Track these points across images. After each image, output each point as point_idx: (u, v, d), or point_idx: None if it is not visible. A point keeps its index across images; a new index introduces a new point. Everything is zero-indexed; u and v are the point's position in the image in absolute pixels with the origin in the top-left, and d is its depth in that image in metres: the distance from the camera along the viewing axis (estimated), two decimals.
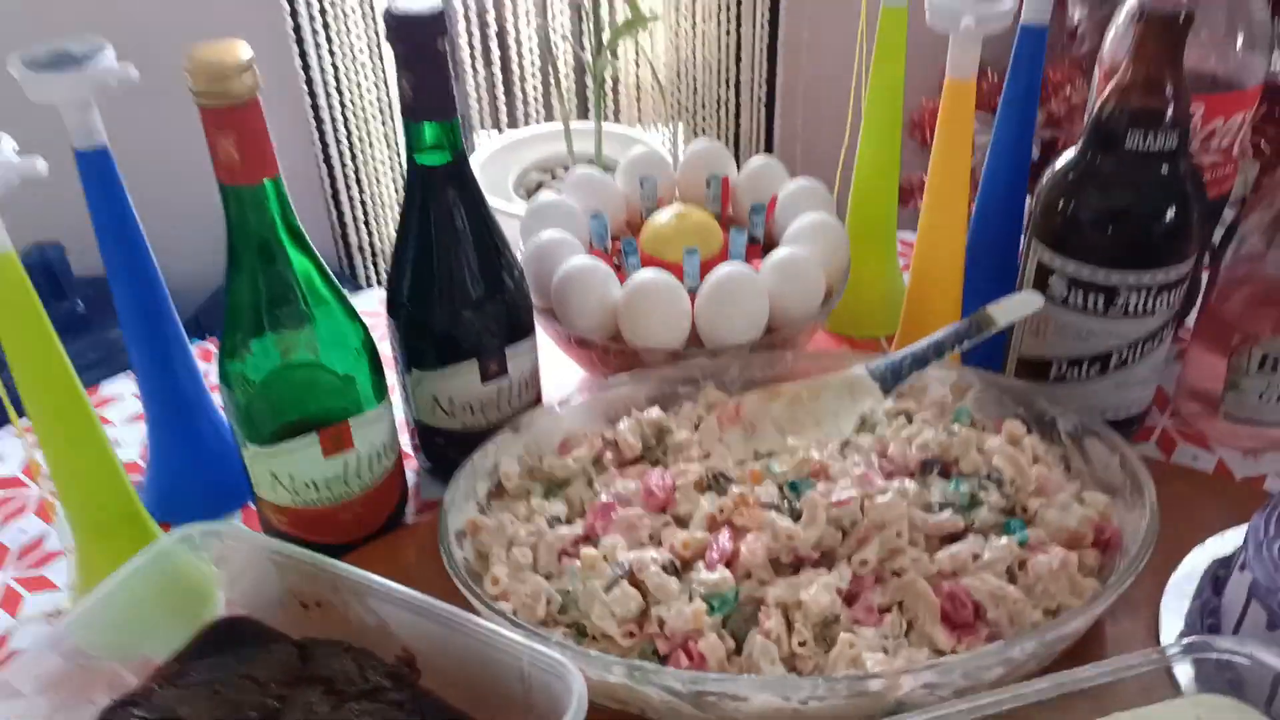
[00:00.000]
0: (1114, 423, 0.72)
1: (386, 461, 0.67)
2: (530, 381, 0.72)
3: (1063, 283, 0.68)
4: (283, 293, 0.60)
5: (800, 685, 0.50)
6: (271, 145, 0.57)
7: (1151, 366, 0.71)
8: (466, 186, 0.66)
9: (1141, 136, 0.64)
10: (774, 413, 0.68)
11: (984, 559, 0.55)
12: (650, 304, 0.71)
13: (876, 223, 0.85)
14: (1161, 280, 0.66)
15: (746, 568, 0.55)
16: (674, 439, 0.65)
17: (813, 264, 0.74)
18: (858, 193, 0.84)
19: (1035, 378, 0.73)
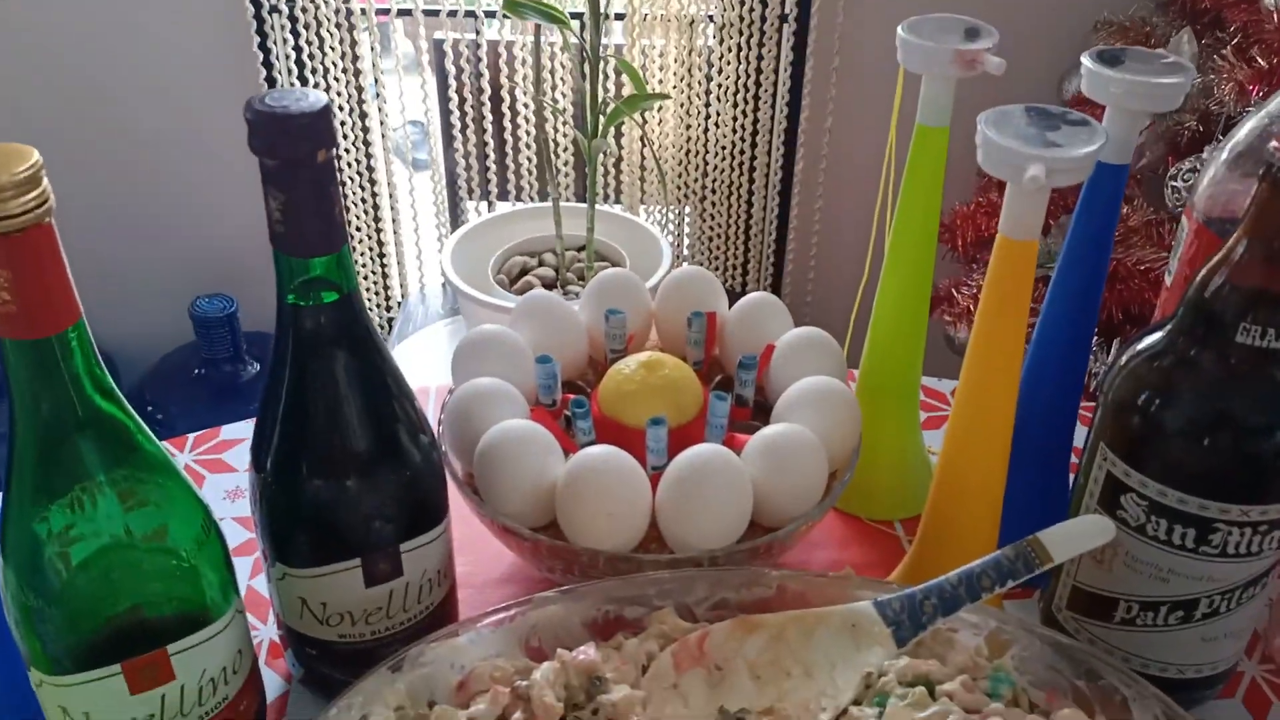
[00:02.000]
0: (1195, 682, 0.56)
1: (227, 690, 0.50)
2: (437, 579, 0.55)
3: (1140, 507, 0.52)
4: (86, 470, 0.44)
5: None
6: (69, 283, 0.41)
7: (1249, 616, 0.54)
8: (358, 335, 0.50)
9: (1260, 331, 0.47)
10: (749, 653, 0.51)
11: None
12: (598, 491, 0.55)
13: (897, 379, 0.69)
14: (1273, 516, 0.50)
15: None
16: (609, 698, 0.48)
17: (814, 446, 0.57)
18: (876, 343, 0.68)
19: (1094, 618, 0.56)
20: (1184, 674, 0.55)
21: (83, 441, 0.44)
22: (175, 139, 1.60)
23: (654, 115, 1.59)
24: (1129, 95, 0.53)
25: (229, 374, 1.57)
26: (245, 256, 1.59)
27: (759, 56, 1.53)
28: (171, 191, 1.62)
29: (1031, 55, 1.31)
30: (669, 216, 1.72)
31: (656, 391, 0.61)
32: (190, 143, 1.60)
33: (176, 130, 1.60)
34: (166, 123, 1.59)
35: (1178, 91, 0.53)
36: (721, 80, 1.55)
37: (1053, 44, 1.40)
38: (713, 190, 1.66)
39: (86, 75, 1.56)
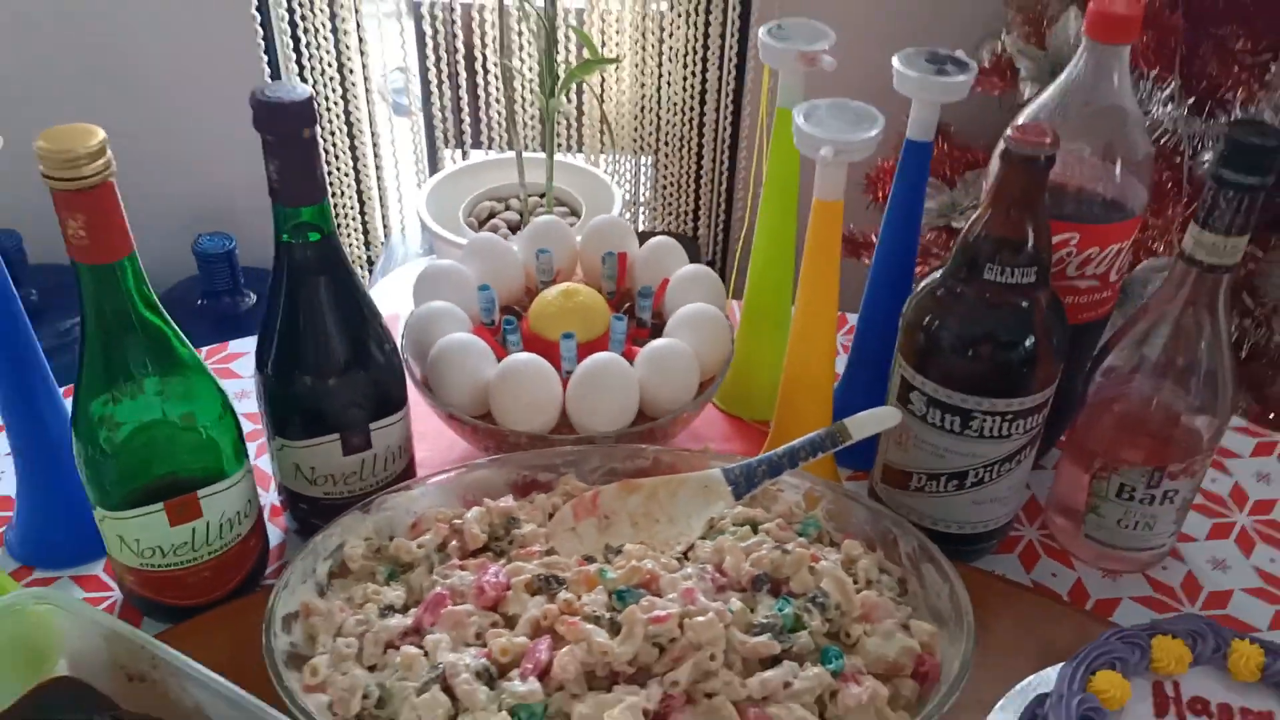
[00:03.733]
0: (973, 536, 0.74)
1: (240, 529, 0.68)
2: (398, 453, 0.72)
3: (922, 400, 0.69)
4: (137, 364, 0.61)
5: None
6: (125, 226, 0.57)
7: (1009, 486, 0.72)
8: (336, 265, 0.66)
9: (1000, 270, 0.64)
10: (630, 506, 0.69)
11: (795, 687, 0.56)
12: (519, 387, 0.72)
13: (771, 305, 0.85)
14: (1016, 408, 0.67)
15: (559, 680, 0.56)
16: (520, 532, 0.65)
17: (688, 356, 0.75)
18: (754, 275, 0.85)
19: (898, 487, 0.73)
20: (963, 530, 0.73)
21: (132, 343, 0.61)
22: (179, 93, 1.74)
23: (611, 74, 1.74)
24: (924, 89, 0.70)
25: (228, 304, 1.73)
26: (242, 199, 1.74)
27: (707, 22, 1.68)
28: (176, 139, 1.77)
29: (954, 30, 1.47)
30: (626, 167, 1.87)
31: (571, 314, 0.78)
32: (192, 96, 1.74)
33: (179, 84, 1.74)
34: (169, 77, 1.74)
35: (962, 87, 0.70)
36: (672, 43, 1.70)
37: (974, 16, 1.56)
38: (665, 143, 1.82)
39: (96, 27, 1.69)
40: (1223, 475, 0.84)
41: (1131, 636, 0.57)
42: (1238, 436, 0.87)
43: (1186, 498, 0.71)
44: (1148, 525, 0.72)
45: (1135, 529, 0.72)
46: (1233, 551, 0.77)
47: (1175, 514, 0.72)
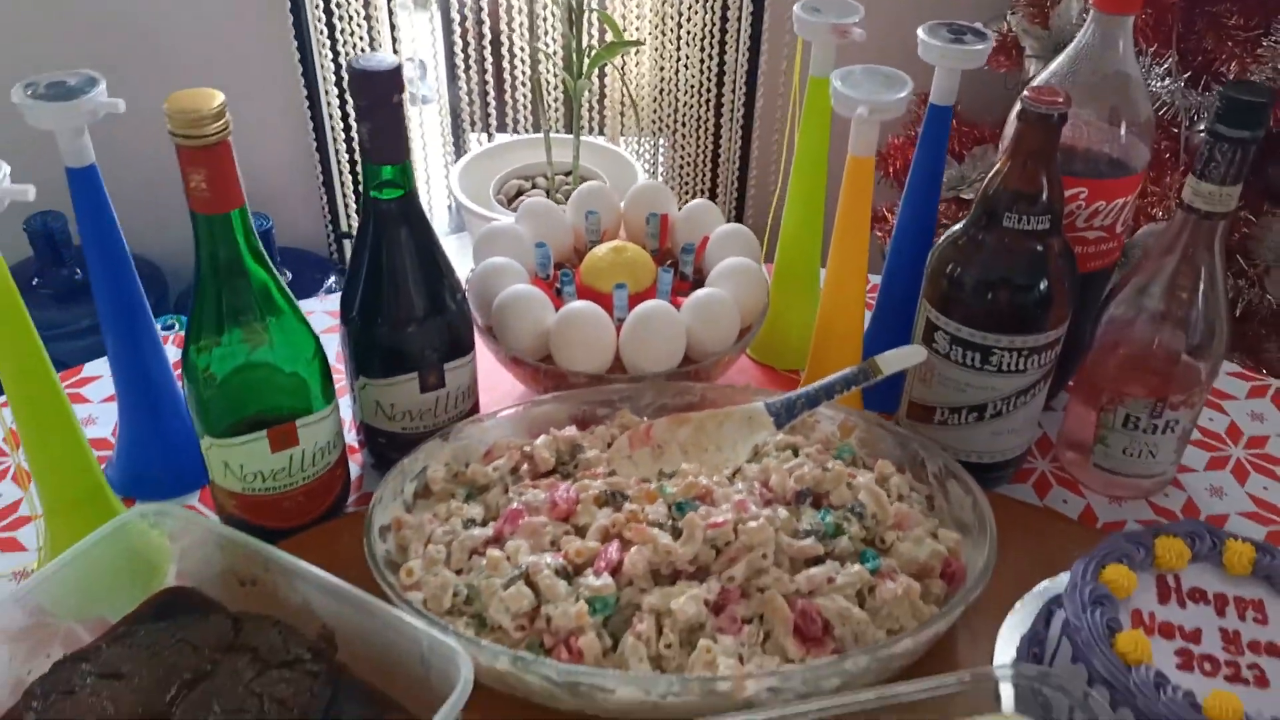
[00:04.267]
0: (992, 465, 0.81)
1: (329, 457, 0.75)
2: (467, 393, 0.79)
3: (946, 339, 0.76)
4: (243, 307, 0.68)
5: (658, 682, 0.57)
6: (238, 180, 0.65)
7: (1025, 418, 0.79)
8: (416, 220, 0.73)
9: (1017, 218, 0.71)
10: (681, 437, 0.76)
11: (837, 582, 0.63)
12: (578, 332, 0.79)
13: (801, 266, 0.93)
14: (1031, 344, 0.74)
15: (629, 576, 0.63)
16: (585, 456, 0.73)
17: (729, 304, 0.82)
18: (785, 238, 0.92)
19: (923, 421, 0.80)
20: (982, 459, 0.80)
21: (241, 288, 0.68)
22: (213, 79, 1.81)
23: (631, 57, 1.81)
24: (946, 57, 0.77)
25: None
26: (279, 181, 1.81)
27: (724, 6, 1.75)
28: None
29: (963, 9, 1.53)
30: (645, 147, 1.94)
31: (621, 267, 0.85)
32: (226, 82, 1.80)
33: (213, 70, 1.81)
34: (204, 63, 1.80)
35: (981, 55, 0.77)
36: (690, 27, 1.77)
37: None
38: (683, 124, 1.89)
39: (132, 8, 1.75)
40: (1220, 415, 0.91)
41: (1137, 536, 0.64)
42: (1233, 380, 0.94)
43: (1186, 428, 0.79)
44: (1151, 454, 0.79)
45: (1139, 457, 0.79)
46: (1229, 480, 0.84)
47: (1176, 443, 0.79)
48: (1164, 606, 0.61)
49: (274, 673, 0.62)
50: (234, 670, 0.61)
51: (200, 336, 0.69)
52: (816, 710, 0.55)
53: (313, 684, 0.61)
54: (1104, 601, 0.60)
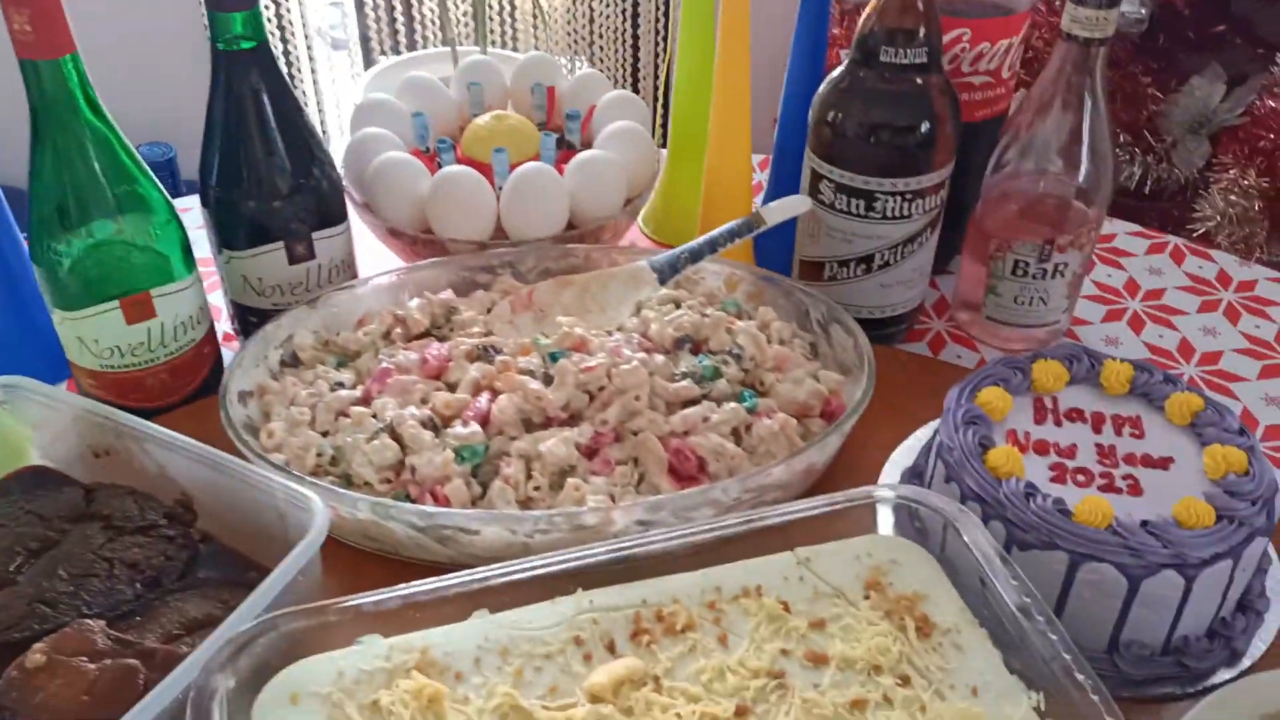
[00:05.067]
0: (883, 320, 0.79)
1: (194, 333, 0.71)
2: (342, 267, 0.76)
3: (830, 188, 0.74)
4: (86, 167, 0.64)
5: (523, 519, 0.56)
6: (67, 24, 0.60)
7: (914, 268, 0.77)
8: (271, 76, 0.69)
9: (894, 52, 0.69)
10: (564, 300, 0.74)
11: (712, 420, 0.62)
12: (455, 198, 0.76)
13: (694, 139, 0.90)
14: (915, 187, 0.72)
15: (498, 424, 0.61)
16: (460, 317, 0.70)
17: (614, 166, 0.79)
18: (677, 111, 0.89)
19: (814, 279, 0.79)
20: (873, 314, 0.78)
21: (78, 147, 0.64)
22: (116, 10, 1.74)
23: None
24: None
25: None
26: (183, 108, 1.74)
27: None
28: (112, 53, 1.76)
29: None
30: (562, 64, 1.90)
31: (502, 135, 0.82)
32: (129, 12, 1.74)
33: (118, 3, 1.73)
34: None
35: None
36: None
37: None
38: (599, 38, 1.84)
39: None
40: (1118, 270, 0.90)
41: (1014, 361, 0.63)
42: (1134, 239, 0.94)
43: (1076, 272, 0.78)
44: (1042, 300, 0.78)
45: (1030, 304, 0.78)
46: (1124, 331, 0.84)
47: (1066, 289, 0.78)
48: (1040, 426, 0.60)
49: (127, 538, 0.59)
50: (84, 537, 0.59)
51: (43, 206, 0.65)
52: (683, 534, 0.54)
53: (167, 548, 0.59)
54: (977, 422, 0.59)
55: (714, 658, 0.49)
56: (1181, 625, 0.54)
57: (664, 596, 0.52)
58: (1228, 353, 0.82)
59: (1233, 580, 0.54)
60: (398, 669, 0.48)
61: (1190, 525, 0.53)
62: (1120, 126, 1.20)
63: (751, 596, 0.52)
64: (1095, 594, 0.53)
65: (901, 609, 0.52)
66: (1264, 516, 0.54)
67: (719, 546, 0.55)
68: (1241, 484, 0.55)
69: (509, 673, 0.48)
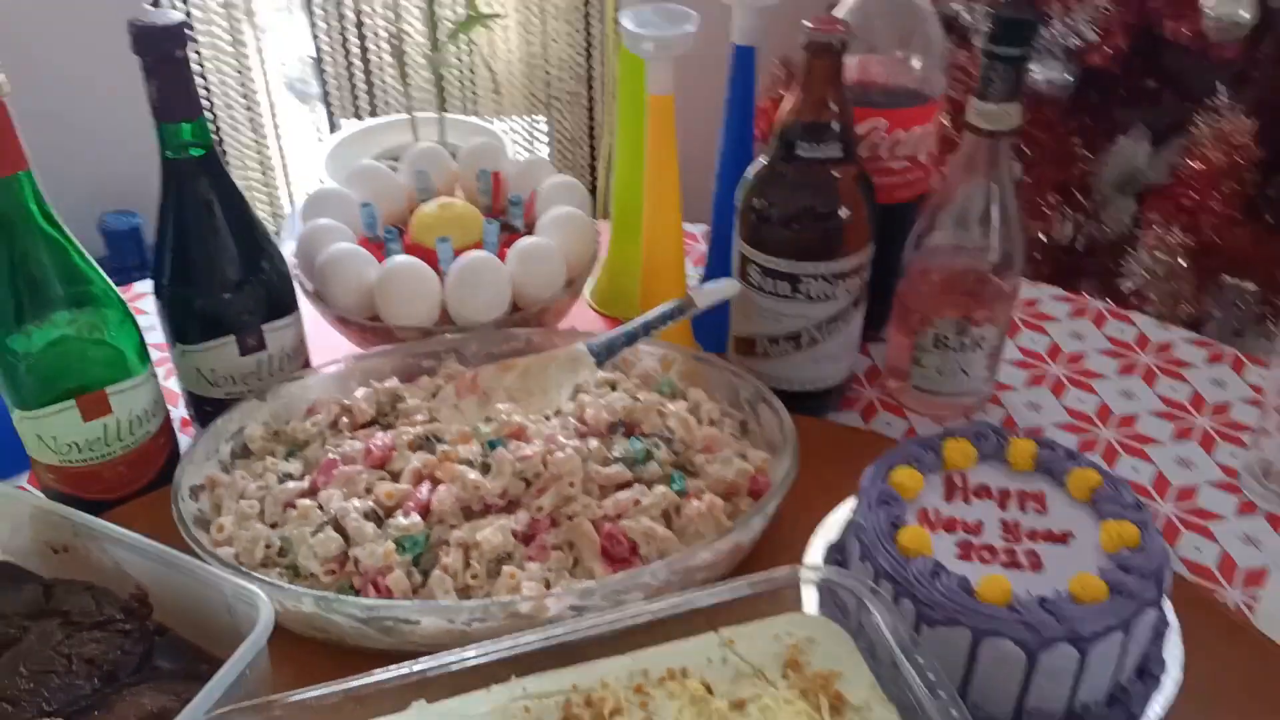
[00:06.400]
0: (815, 393, 0.83)
1: (148, 426, 0.74)
2: (293, 355, 0.79)
3: (757, 271, 0.78)
4: (41, 276, 0.67)
5: (460, 609, 0.59)
6: (19, 142, 0.64)
7: (841, 345, 0.81)
8: (219, 178, 0.73)
9: (809, 146, 0.74)
10: (507, 383, 0.77)
11: (643, 504, 0.65)
12: (401, 286, 0.80)
13: (635, 215, 0.94)
14: (836, 270, 0.77)
15: (438, 514, 0.64)
16: (405, 405, 0.73)
17: (554, 251, 0.83)
18: (618, 189, 0.93)
19: (747, 354, 0.83)
20: (805, 388, 0.82)
21: (35, 255, 0.67)
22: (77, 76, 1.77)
23: (500, 33, 1.81)
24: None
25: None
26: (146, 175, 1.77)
27: None
28: (76, 120, 1.80)
29: None
30: (524, 125, 1.95)
31: (447, 223, 0.86)
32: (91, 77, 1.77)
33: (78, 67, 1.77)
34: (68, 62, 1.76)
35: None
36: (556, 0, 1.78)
37: None
38: (556, 99, 1.89)
39: None
40: (1041, 335, 0.94)
41: (926, 441, 0.66)
42: (1057, 304, 0.98)
43: (994, 344, 0.82)
44: (964, 371, 0.82)
45: (953, 375, 0.82)
46: (1046, 396, 0.88)
47: (986, 360, 0.82)
48: (949, 504, 0.64)
49: (85, 634, 0.61)
50: (44, 634, 0.61)
51: (2, 318, 0.68)
52: (612, 620, 0.57)
53: (124, 642, 0.61)
54: (890, 501, 0.62)
55: None
56: (1080, 693, 0.58)
57: (593, 681, 0.55)
58: (1143, 415, 0.86)
59: (1126, 650, 0.57)
60: None
61: (1084, 600, 0.56)
62: (1051, 186, 1.26)
63: (676, 679, 0.56)
64: (997, 667, 0.56)
65: (817, 687, 0.55)
66: (1154, 588, 0.58)
67: (647, 630, 0.58)
68: (1133, 558, 0.59)
69: None
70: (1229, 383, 0.89)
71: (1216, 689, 0.63)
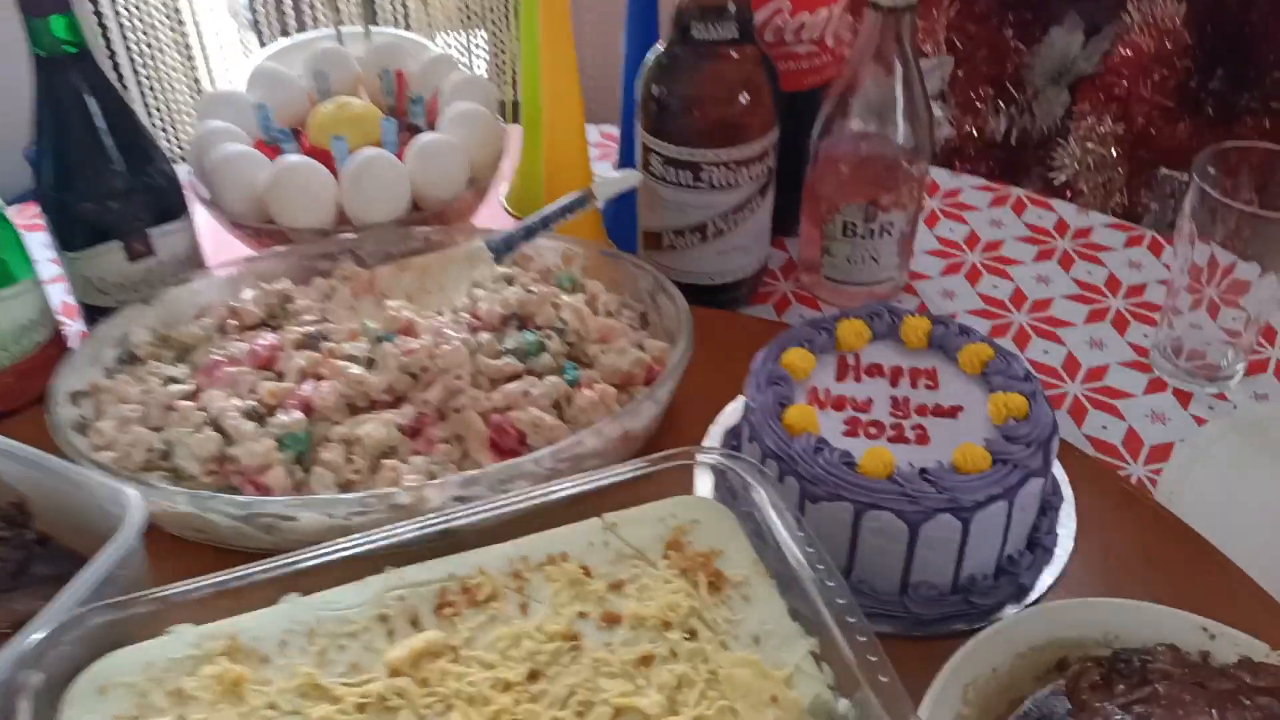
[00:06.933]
0: (724, 286, 0.82)
1: (36, 336, 0.72)
2: (186, 262, 0.77)
3: (659, 161, 0.76)
4: None
5: (337, 502, 0.58)
6: None
7: (749, 235, 0.80)
8: (95, 77, 0.70)
9: (704, 28, 0.71)
10: (405, 284, 0.75)
11: (533, 394, 0.64)
12: (293, 186, 0.77)
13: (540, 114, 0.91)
14: (738, 156, 0.75)
15: (322, 411, 0.63)
16: (295, 306, 0.72)
17: (454, 148, 0.81)
18: (524, 88, 0.90)
19: (655, 248, 0.81)
20: (714, 280, 0.81)
21: None
22: None
23: None
24: None
25: None
26: None
27: None
28: None
29: None
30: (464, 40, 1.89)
31: (345, 122, 0.83)
32: None
33: None
34: None
35: None
36: None
37: None
38: (492, 10, 1.84)
39: None
40: (960, 224, 0.93)
41: (819, 322, 0.66)
42: (976, 193, 0.97)
43: (904, 230, 0.80)
44: (873, 259, 0.81)
45: (863, 264, 0.81)
46: (960, 284, 0.87)
47: (897, 247, 0.81)
48: (840, 383, 0.63)
49: None
50: None
51: None
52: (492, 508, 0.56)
53: (3, 549, 0.60)
54: (780, 382, 0.62)
55: (513, 625, 0.52)
56: (966, 565, 0.57)
57: (471, 569, 0.55)
58: (1058, 299, 0.85)
59: (1011, 520, 0.57)
60: (205, 656, 0.50)
61: (966, 470, 0.56)
62: (985, 80, 1.23)
63: (555, 563, 0.55)
64: (881, 540, 0.56)
65: (697, 566, 0.54)
66: (1039, 458, 0.57)
67: (533, 519, 0.57)
68: (1019, 428, 0.58)
69: (313, 653, 0.50)
70: (1145, 264, 0.88)
71: (1111, 560, 0.63)
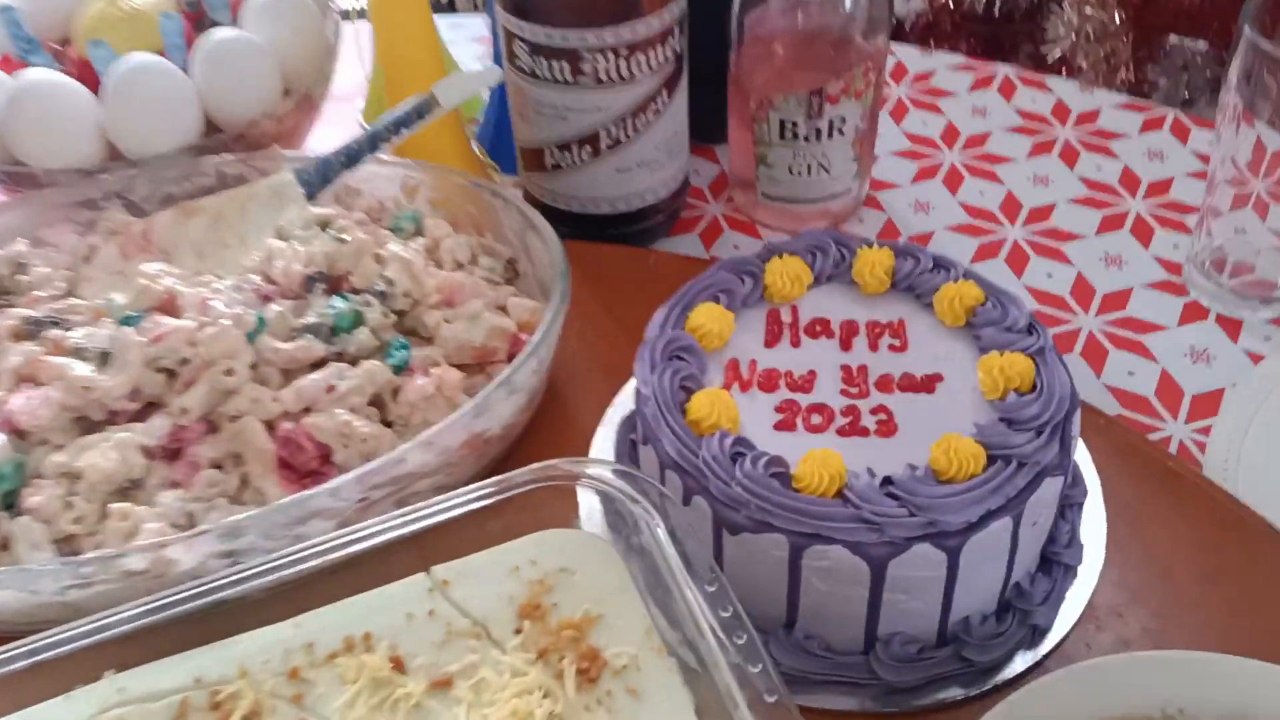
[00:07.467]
0: (633, 214, 0.63)
1: None
2: None
3: (526, 50, 0.56)
4: None
5: (41, 574, 0.39)
6: None
7: (658, 145, 0.60)
8: None
9: None
10: (193, 234, 0.56)
11: (340, 390, 0.45)
12: (37, 113, 0.57)
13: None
14: (629, 38, 0.55)
15: (36, 432, 0.44)
16: (29, 278, 0.52)
17: (257, 49, 0.61)
18: None
19: (538, 170, 0.62)
20: (616, 208, 0.62)
21: None
22: None
23: None
24: None
25: None
26: None
27: None
28: None
29: None
30: None
31: (119, 24, 0.63)
32: None
33: None
34: None
35: None
36: None
37: None
38: None
39: None
40: (935, 115, 0.74)
41: (740, 264, 0.47)
42: (953, 74, 0.77)
43: (861, 127, 0.61)
44: (822, 167, 0.62)
45: (809, 174, 0.62)
46: (939, 192, 0.68)
47: (853, 149, 0.62)
48: (771, 350, 0.44)
49: None
50: None
51: None
52: (266, 568, 0.38)
53: None
54: (684, 355, 0.43)
55: None
56: (957, 607, 0.40)
57: (228, 669, 0.37)
58: (1061, 205, 0.66)
59: (1017, 542, 0.39)
60: None
61: (950, 476, 0.38)
62: None
63: (353, 651, 0.37)
64: (831, 585, 0.38)
65: (563, 644, 0.37)
66: (1055, 448, 0.39)
67: (333, 580, 0.39)
68: (1024, 406, 0.40)
69: None
70: (1170, 154, 0.69)
71: (1157, 575, 0.45)
